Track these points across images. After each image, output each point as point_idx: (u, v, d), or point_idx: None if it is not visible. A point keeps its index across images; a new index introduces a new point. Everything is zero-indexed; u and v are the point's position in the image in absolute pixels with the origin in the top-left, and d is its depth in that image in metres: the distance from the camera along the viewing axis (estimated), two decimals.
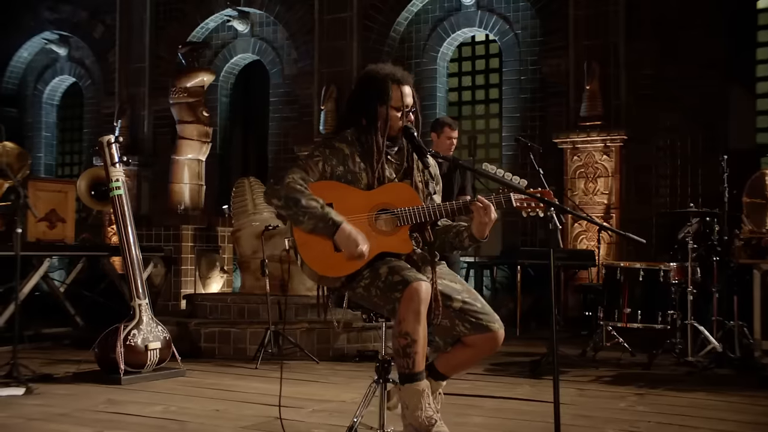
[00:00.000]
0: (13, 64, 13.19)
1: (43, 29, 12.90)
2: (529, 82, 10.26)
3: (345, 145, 3.58)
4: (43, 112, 13.31)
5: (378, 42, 10.77)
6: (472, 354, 3.57)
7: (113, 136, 5.62)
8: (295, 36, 11.24)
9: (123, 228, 5.56)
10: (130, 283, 5.52)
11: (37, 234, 7.40)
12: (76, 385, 5.28)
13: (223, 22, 11.78)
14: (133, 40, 11.88)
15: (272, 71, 11.64)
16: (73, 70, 13.08)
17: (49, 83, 13.29)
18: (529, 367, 6.17)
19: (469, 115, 11.09)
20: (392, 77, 3.56)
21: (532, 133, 10.15)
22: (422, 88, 10.78)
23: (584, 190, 9.46)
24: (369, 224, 3.46)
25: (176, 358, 5.67)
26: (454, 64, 11.16)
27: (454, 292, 3.53)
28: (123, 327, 5.38)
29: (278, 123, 11.50)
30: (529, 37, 10.28)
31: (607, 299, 6.60)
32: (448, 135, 6.48)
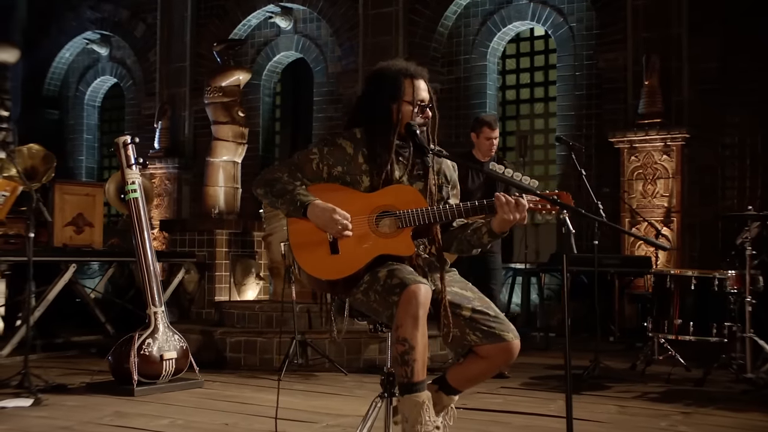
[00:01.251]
0: (55, 66, 13.44)
1: (85, 29, 13.10)
2: (584, 78, 10.02)
3: (350, 143, 3.50)
4: (85, 114, 13.52)
5: (424, 37, 10.65)
6: (485, 366, 3.46)
7: (129, 136, 5.63)
8: (338, 32, 11.20)
9: (139, 232, 5.55)
10: (145, 290, 5.52)
11: (64, 239, 7.47)
12: (88, 396, 5.28)
13: (266, 19, 11.79)
14: (173, 39, 11.98)
15: (316, 69, 11.61)
16: (114, 70, 13.26)
17: (90, 84, 13.50)
18: None
19: (521, 115, 10.88)
20: (405, 71, 3.48)
21: (587, 132, 9.92)
22: (471, 85, 10.64)
23: (642, 193, 9.18)
24: (369, 226, 3.37)
25: (194, 369, 5.64)
26: (507, 60, 10.96)
27: (464, 300, 3.42)
28: (137, 336, 5.37)
29: (322, 123, 11.46)
30: (584, 30, 10.04)
31: (657, 309, 6.36)
32: (487, 135, 6.33)
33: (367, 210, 3.39)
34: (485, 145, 6.33)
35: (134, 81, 12.86)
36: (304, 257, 3.40)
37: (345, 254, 3.36)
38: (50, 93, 13.46)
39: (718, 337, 6.14)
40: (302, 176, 3.48)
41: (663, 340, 6.50)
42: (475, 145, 6.42)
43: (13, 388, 5.27)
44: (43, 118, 13.16)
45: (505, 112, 10.93)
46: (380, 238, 3.37)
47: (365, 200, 3.41)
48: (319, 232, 3.36)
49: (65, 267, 7.27)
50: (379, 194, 3.42)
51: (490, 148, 6.34)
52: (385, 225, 3.38)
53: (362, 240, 3.37)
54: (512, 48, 10.94)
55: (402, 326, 3.18)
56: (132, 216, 5.56)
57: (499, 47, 10.76)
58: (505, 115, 10.93)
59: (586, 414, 4.89)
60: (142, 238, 5.56)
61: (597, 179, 9.70)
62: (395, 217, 3.37)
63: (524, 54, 10.92)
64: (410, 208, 3.36)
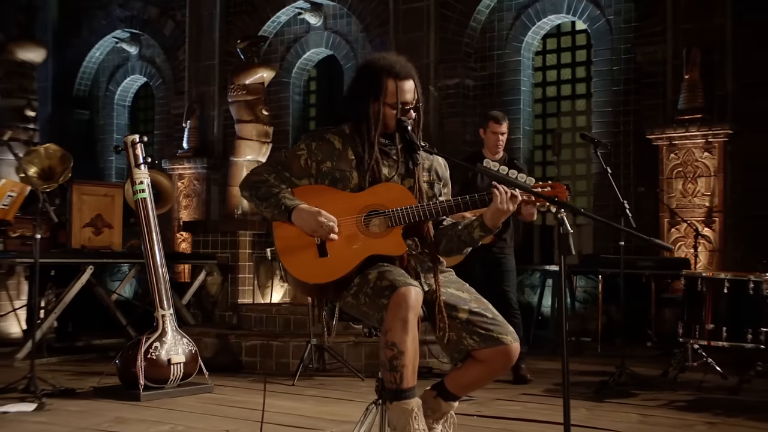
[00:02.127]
0: (85, 65, 13.58)
1: (115, 28, 13.22)
2: (622, 72, 9.83)
3: (338, 138, 3.45)
4: (115, 114, 13.65)
5: (457, 33, 10.55)
6: (484, 371, 3.40)
7: (138, 135, 5.64)
8: (369, 28, 11.15)
9: (147, 234, 5.56)
10: (153, 293, 5.52)
11: (82, 240, 7.53)
12: (93, 401, 5.30)
13: (295, 15, 11.79)
14: (202, 37, 12.03)
15: (347, 66, 11.57)
16: (144, 69, 13.37)
17: (120, 84, 13.62)
18: (595, 388, 5.86)
19: (561, 112, 10.72)
20: (389, 70, 3.39)
21: (625, 128, 9.74)
22: (504, 82, 10.51)
23: (682, 192, 8.98)
24: (357, 227, 3.32)
25: (203, 373, 5.62)
26: (540, 57, 10.81)
27: (460, 302, 3.37)
28: (145, 339, 5.37)
29: None
30: (622, 23, 9.85)
31: (688, 314, 6.20)
32: (494, 130, 6.25)
33: (354, 210, 3.34)
34: (492, 140, 6.25)
35: (164, 80, 12.95)
36: (292, 261, 3.36)
37: (334, 257, 3.31)
38: (81, 93, 13.61)
39: (754, 343, 5.96)
40: (290, 175, 3.44)
41: (697, 346, 6.33)
42: (483, 142, 6.34)
43: (20, 393, 5.30)
44: (73, 119, 13.31)
45: (544, 109, 10.76)
46: (369, 238, 3.31)
47: (353, 200, 3.36)
48: (306, 235, 3.31)
49: (83, 269, 7.31)
50: (366, 193, 3.36)
51: (497, 143, 6.25)
52: (375, 225, 3.33)
53: (351, 241, 3.32)
54: (550, 44, 10.78)
55: (391, 330, 3.12)
56: (140, 217, 5.57)
57: (533, 42, 10.62)
58: (543, 113, 10.76)
59: (606, 422, 4.78)
60: (150, 239, 5.56)
61: (635, 177, 9.53)
62: (384, 216, 3.31)
63: (563, 49, 10.74)
64: (399, 206, 3.30)
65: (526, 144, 10.46)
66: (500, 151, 6.36)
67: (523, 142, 10.38)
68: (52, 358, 7.22)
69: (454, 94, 10.46)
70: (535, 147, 10.72)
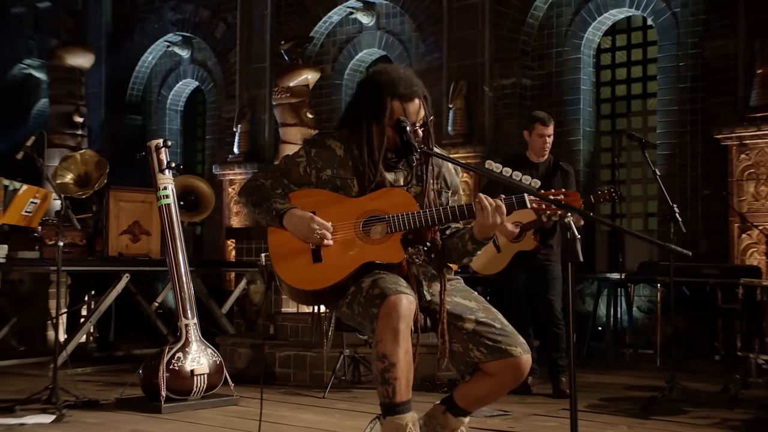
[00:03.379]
0: (138, 70, 13.81)
1: (167, 31, 13.40)
2: (689, 68, 9.55)
3: (339, 144, 3.41)
4: (167, 119, 13.84)
5: (513, 30, 10.41)
6: (494, 384, 3.33)
7: (162, 140, 5.67)
8: (422, 27, 11.08)
9: (171, 241, 5.58)
10: (177, 302, 5.54)
11: (119, 248, 7.62)
12: (114, 413, 5.34)
13: (347, 15, 11.79)
14: (253, 39, 12.11)
15: None
16: (195, 73, 13.53)
17: (172, 88, 13.80)
18: (642, 404, 5.68)
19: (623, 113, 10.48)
20: (393, 91, 3.31)
21: (692, 128, 9.45)
22: (563, 80, 10.32)
23: (754, 195, 8.67)
24: (355, 233, 3.27)
25: (229, 385, 5.62)
26: (603, 55, 10.59)
27: (466, 311, 3.30)
28: (167, 349, 5.39)
29: None
30: (689, 16, 9.58)
31: (747, 326, 5.97)
32: (540, 132, 6.16)
33: (353, 215, 3.29)
34: (538, 142, 6.16)
35: (215, 83, 13.08)
36: (284, 267, 3.33)
37: (328, 263, 3.27)
38: (133, 98, 13.84)
39: None
40: (288, 182, 3.41)
41: (762, 360, 6.10)
42: (528, 144, 6.24)
43: (42, 404, 5.37)
44: (126, 124, 13.54)
45: (614, 109, 10.54)
46: (367, 244, 3.26)
47: (352, 205, 3.31)
48: (300, 241, 3.27)
49: (120, 277, 7.40)
50: (367, 198, 3.31)
51: (543, 146, 6.16)
52: (376, 231, 3.27)
53: (347, 247, 3.27)
54: (608, 42, 10.55)
55: (381, 341, 3.08)
56: (164, 224, 5.60)
57: (594, 38, 10.41)
58: (613, 113, 10.53)
59: None
60: (174, 247, 5.59)
61: (702, 180, 9.25)
62: (384, 222, 3.25)
63: (620, 48, 10.50)
64: (400, 212, 3.23)
65: (587, 146, 10.25)
66: (546, 154, 6.25)
67: (583, 144, 10.18)
68: (87, 368, 7.32)
69: (510, 94, 10.32)
70: (600, 150, 10.48)
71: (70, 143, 10.25)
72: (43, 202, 5.51)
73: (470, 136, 10.19)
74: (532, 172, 6.18)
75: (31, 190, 5.34)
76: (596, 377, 7.18)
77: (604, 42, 10.59)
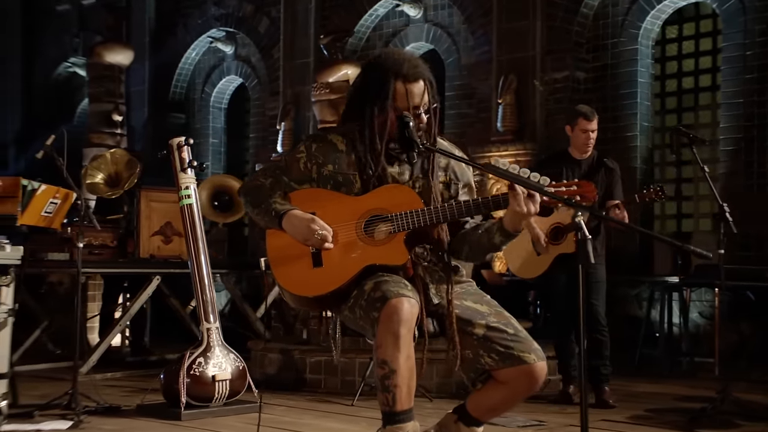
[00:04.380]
0: (181, 67, 13.91)
1: (210, 27, 13.49)
2: (756, 58, 9.27)
3: (341, 138, 3.37)
4: (211, 117, 13.91)
5: (566, 21, 10.24)
6: (506, 393, 3.27)
7: (184, 138, 5.68)
8: (471, 19, 10.97)
9: (192, 242, 5.59)
10: (198, 305, 5.55)
11: (151, 249, 7.67)
12: (133, 419, 5.36)
13: (393, 8, 11.73)
14: (297, 34, 12.12)
15: (448, 61, 11.43)
16: (239, 69, 13.59)
17: (216, 85, 13.88)
18: (690, 416, 5.53)
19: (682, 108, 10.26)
20: (396, 72, 3.27)
21: (759, 122, 9.19)
22: (619, 73, 10.11)
23: None
24: (357, 234, 3.21)
25: (252, 391, 5.61)
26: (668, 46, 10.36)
27: (476, 316, 3.24)
28: (188, 354, 5.40)
29: (454, 120, 11.27)
30: (757, 1, 9.32)
31: None
32: (583, 127, 6.04)
33: (355, 215, 3.24)
34: (581, 138, 6.04)
35: (259, 80, 13.13)
36: (283, 273, 3.29)
37: (329, 267, 3.23)
38: (177, 96, 13.96)
39: None
40: (289, 179, 3.38)
41: None
42: (570, 140, 6.12)
43: (62, 409, 5.42)
44: (169, 123, 13.66)
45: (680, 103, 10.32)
46: (369, 246, 3.21)
47: (353, 204, 3.26)
48: (300, 244, 3.23)
49: (151, 279, 7.45)
50: (369, 197, 3.26)
51: (587, 142, 6.04)
52: (381, 232, 3.22)
53: (349, 249, 3.22)
54: (674, 31, 10.33)
55: (381, 346, 3.04)
56: (185, 224, 5.61)
57: (653, 27, 10.18)
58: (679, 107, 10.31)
59: None
60: (196, 248, 5.59)
61: None
62: (387, 222, 3.19)
63: (686, 38, 10.26)
64: (403, 210, 3.17)
65: (644, 142, 10.04)
66: (589, 150, 6.13)
67: (640, 139, 9.97)
68: (116, 372, 7.39)
69: (563, 88, 10.15)
70: (658, 146, 10.27)
71: (108, 142, 10.38)
72: (64, 203, 5.55)
73: (520, 132, 10.05)
74: (574, 169, 6.08)
75: (50, 190, 5.39)
76: (647, 387, 7.03)
77: (670, 32, 10.35)
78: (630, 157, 9.94)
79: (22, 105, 15.94)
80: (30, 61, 16.03)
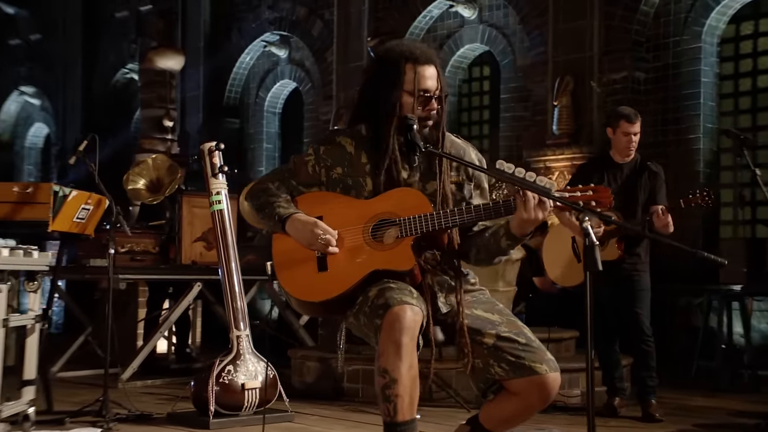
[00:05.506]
0: (236, 71, 14.10)
1: (264, 30, 13.64)
2: None
3: (350, 141, 3.38)
4: (265, 122, 14.06)
5: (625, 19, 10.11)
6: (519, 404, 3.25)
7: (215, 143, 5.74)
8: (526, 19, 10.91)
9: (223, 248, 5.65)
10: (229, 312, 5.59)
11: (193, 256, 7.77)
12: (161, 427, 5.44)
13: (448, 9, 11.71)
14: (350, 36, 12.18)
15: (503, 63, 11.38)
16: (293, 73, 13.71)
17: (270, 90, 14.02)
18: None
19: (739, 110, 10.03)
20: (407, 55, 3.31)
21: None
22: (682, 72, 9.95)
23: None
24: (364, 239, 3.21)
25: (283, 400, 5.64)
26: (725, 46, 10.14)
27: (486, 325, 3.22)
28: (218, 362, 5.45)
29: (509, 123, 11.21)
30: None
31: None
32: (625, 130, 5.96)
33: (362, 219, 3.24)
34: (622, 141, 5.95)
35: (312, 84, 13.24)
36: (288, 277, 3.31)
37: (334, 271, 3.24)
38: (231, 101, 14.14)
39: None
40: (297, 183, 3.40)
41: None
42: (611, 142, 6.03)
43: (94, 416, 5.52)
44: (224, 128, 13.83)
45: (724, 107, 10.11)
46: (376, 251, 3.21)
47: (362, 208, 3.26)
48: (306, 249, 3.25)
49: (192, 286, 7.54)
50: (378, 200, 3.26)
51: (629, 145, 5.95)
52: (390, 236, 3.21)
53: (355, 254, 3.22)
54: (732, 30, 10.11)
55: (383, 355, 3.03)
56: (216, 230, 5.67)
57: (718, 25, 9.99)
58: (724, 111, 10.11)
59: None
60: (227, 254, 5.65)
61: None
62: (396, 226, 3.19)
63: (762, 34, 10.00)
64: (412, 215, 3.16)
65: (708, 144, 9.85)
66: (631, 154, 6.05)
67: (703, 142, 9.79)
68: (157, 380, 7.50)
69: (621, 89, 10.01)
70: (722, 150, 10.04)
71: (159, 148, 10.51)
72: (97, 209, 5.64)
73: (576, 135, 9.96)
74: (616, 173, 6.00)
75: (81, 196, 5.48)
76: (702, 400, 6.89)
77: (745, 28, 10.10)
78: (693, 161, 9.78)
79: (83, 112, 16.29)
80: (90, 68, 16.40)
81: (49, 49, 17.01)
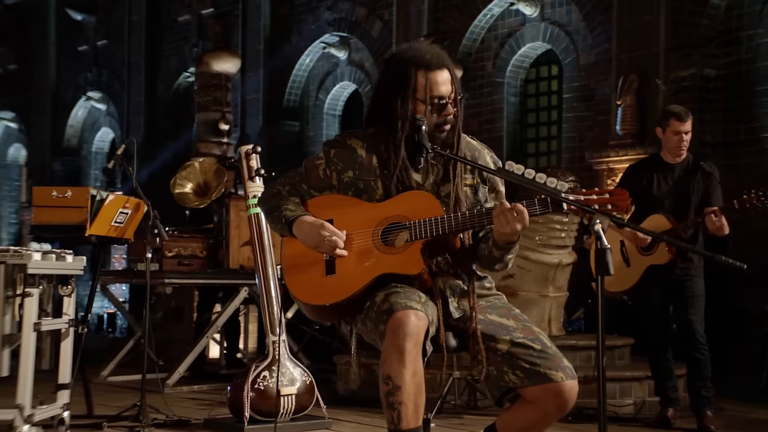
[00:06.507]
0: (295, 73, 14.20)
1: (323, 32, 13.72)
2: None
3: (361, 143, 3.38)
4: (324, 124, 14.14)
5: (693, 14, 9.92)
6: (535, 413, 3.23)
7: (252, 145, 5.79)
8: (589, 15, 10.78)
9: (260, 252, 5.69)
10: (264, 317, 5.63)
11: (241, 260, 7.84)
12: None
13: (508, 7, 11.64)
14: (410, 37, 12.16)
15: (565, 62, 11.27)
16: (353, 75, 13.76)
17: (330, 91, 14.09)
18: None
19: None
20: (417, 61, 3.28)
21: None
22: (756, 68, 9.70)
23: None
24: (373, 242, 3.21)
25: (320, 406, 5.66)
26: None
27: (500, 331, 3.19)
28: (254, 367, 5.49)
29: (571, 124, 11.09)
30: None
31: None
32: (675, 129, 5.86)
33: (373, 222, 3.24)
34: (673, 141, 5.85)
35: (372, 85, 13.25)
36: (295, 281, 3.32)
37: (342, 275, 3.24)
38: (291, 104, 14.24)
39: None
40: (308, 187, 3.41)
41: None
42: (662, 142, 5.93)
43: (130, 421, 5.61)
44: (283, 131, 13.96)
45: None
46: (385, 254, 3.21)
47: (372, 211, 3.26)
48: (314, 252, 3.26)
49: (239, 291, 7.62)
50: (389, 203, 3.26)
51: (680, 144, 5.84)
52: (401, 239, 3.21)
53: (363, 257, 3.23)
54: None
55: (386, 361, 3.02)
56: (253, 234, 5.71)
57: None
58: None
59: None
60: (264, 259, 5.69)
61: None
62: (406, 230, 3.18)
63: None
64: (422, 218, 3.15)
65: None
66: (683, 153, 5.93)
67: None
68: (204, 385, 7.59)
69: (689, 87, 9.82)
70: None
71: (215, 152, 10.65)
72: (135, 213, 5.74)
73: (641, 136, 9.79)
74: (666, 174, 5.90)
75: (119, 200, 5.59)
76: (760, 413, 6.70)
77: None
78: (766, 162, 9.54)
79: (146, 116, 16.59)
80: (154, 72, 16.69)
81: (114, 54, 17.37)
